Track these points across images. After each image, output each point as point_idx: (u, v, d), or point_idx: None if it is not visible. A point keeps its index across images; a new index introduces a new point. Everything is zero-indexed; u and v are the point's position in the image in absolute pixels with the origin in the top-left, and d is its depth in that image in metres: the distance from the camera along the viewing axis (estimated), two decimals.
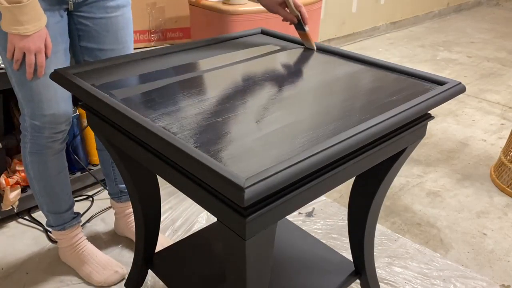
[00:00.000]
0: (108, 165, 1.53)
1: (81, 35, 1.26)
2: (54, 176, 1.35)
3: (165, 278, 1.23)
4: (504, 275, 1.53)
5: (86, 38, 1.26)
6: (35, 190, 1.38)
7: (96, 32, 1.25)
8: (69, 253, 1.48)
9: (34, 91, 1.18)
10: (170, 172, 0.78)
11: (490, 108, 2.78)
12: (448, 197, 1.93)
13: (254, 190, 0.60)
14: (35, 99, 1.19)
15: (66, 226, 1.44)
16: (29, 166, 1.33)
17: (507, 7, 5.37)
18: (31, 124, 1.24)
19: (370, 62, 1.08)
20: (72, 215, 1.46)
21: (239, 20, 2.06)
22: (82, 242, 1.49)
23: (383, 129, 0.77)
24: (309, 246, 1.30)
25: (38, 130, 1.25)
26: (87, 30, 1.25)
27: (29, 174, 1.34)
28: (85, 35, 1.26)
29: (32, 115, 1.22)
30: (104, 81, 0.95)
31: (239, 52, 1.16)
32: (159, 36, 2.24)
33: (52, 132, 1.26)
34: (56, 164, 1.34)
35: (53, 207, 1.40)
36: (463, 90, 0.93)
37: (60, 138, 1.30)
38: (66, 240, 1.47)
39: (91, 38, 1.26)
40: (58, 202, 1.40)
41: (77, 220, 1.48)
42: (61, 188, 1.38)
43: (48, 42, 1.12)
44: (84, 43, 1.27)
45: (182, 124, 0.79)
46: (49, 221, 1.44)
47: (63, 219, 1.43)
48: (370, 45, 3.93)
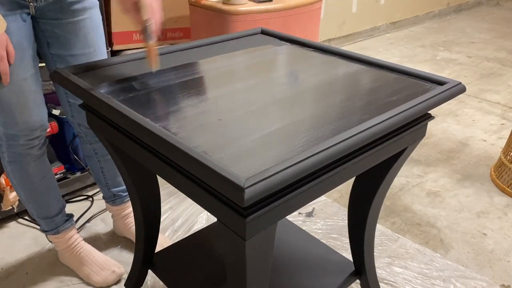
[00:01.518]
0: (98, 171, 1.51)
1: (50, 42, 1.21)
2: (38, 182, 1.32)
3: (165, 278, 1.23)
4: (504, 275, 1.53)
5: (55, 45, 1.21)
6: (21, 197, 1.36)
7: (64, 38, 1.20)
8: (67, 254, 1.48)
9: (3, 100, 1.15)
10: (170, 172, 0.78)
11: (490, 108, 2.78)
12: (448, 197, 1.93)
13: (254, 190, 0.60)
14: (6, 108, 1.16)
15: (59, 230, 1.43)
16: (11, 175, 1.30)
17: (507, 7, 5.37)
18: (5, 133, 1.21)
19: (370, 62, 1.08)
20: (64, 218, 1.44)
21: (239, 20, 2.06)
22: (79, 244, 1.49)
23: (383, 129, 0.77)
24: (309, 246, 1.30)
25: (12, 139, 1.22)
26: (55, 37, 1.20)
27: (13, 183, 1.33)
28: (54, 42, 1.20)
29: (5, 124, 1.19)
30: (104, 81, 0.95)
31: (239, 52, 1.16)
32: (159, 36, 2.24)
33: (27, 139, 1.23)
34: (38, 170, 1.31)
35: (43, 213, 1.38)
36: (463, 90, 0.93)
37: (37, 144, 1.27)
38: (62, 243, 1.46)
39: (61, 44, 1.21)
40: (46, 207, 1.38)
41: (70, 222, 1.46)
42: (48, 192, 1.36)
43: (10, 48, 1.05)
44: (54, 50, 1.22)
45: (182, 124, 0.79)
46: (42, 226, 1.43)
47: (55, 223, 1.42)
48: (370, 45, 3.93)
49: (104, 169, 1.49)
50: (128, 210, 1.60)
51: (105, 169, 1.49)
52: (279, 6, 2.14)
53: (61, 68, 0.97)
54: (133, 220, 1.58)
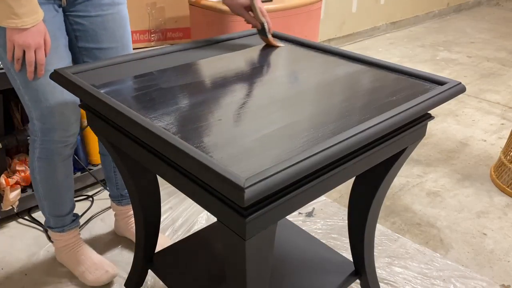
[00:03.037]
0: (110, 170, 1.52)
1: (79, 36, 1.23)
2: (62, 181, 1.33)
3: (165, 278, 1.23)
4: (504, 275, 1.53)
5: (83, 38, 1.23)
6: (39, 193, 1.36)
7: (93, 31, 1.22)
8: (65, 253, 1.48)
9: (40, 91, 1.14)
10: (170, 172, 0.78)
11: (490, 108, 2.78)
12: (448, 197, 1.93)
13: (254, 190, 0.60)
14: (42, 100, 1.15)
15: (65, 229, 1.44)
16: (36, 171, 1.31)
17: (507, 7, 5.37)
18: (40, 128, 1.21)
19: (370, 62, 1.08)
20: (72, 218, 1.45)
21: (239, 20, 2.05)
22: (78, 243, 1.49)
23: (383, 129, 0.77)
24: (309, 246, 1.30)
25: (47, 134, 1.22)
26: (83, 30, 1.22)
27: (35, 178, 1.33)
28: (82, 35, 1.22)
29: (41, 117, 1.18)
30: (104, 81, 0.95)
31: (239, 52, 1.16)
32: (159, 36, 2.24)
33: (63, 135, 1.23)
34: (64, 169, 1.32)
35: (55, 211, 1.39)
36: (463, 90, 0.93)
37: (71, 142, 1.27)
38: (63, 241, 1.47)
39: (89, 37, 1.23)
40: (61, 206, 1.39)
41: (76, 223, 1.47)
42: (66, 192, 1.38)
43: (47, 38, 1.08)
44: (82, 43, 1.24)
45: (182, 124, 0.79)
46: (48, 222, 1.44)
47: (63, 222, 1.43)
48: (370, 45, 3.93)
49: (117, 169, 1.49)
50: (132, 211, 1.60)
51: (117, 169, 1.49)
52: (279, 6, 2.13)
53: (61, 68, 0.97)
54: None
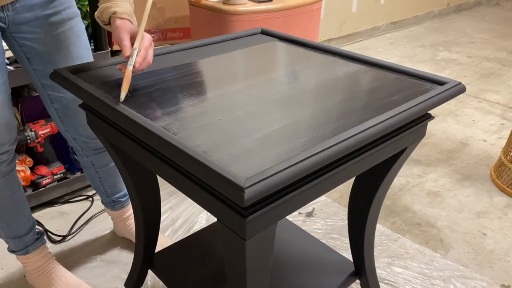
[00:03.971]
0: (96, 180, 1.45)
1: (30, 58, 1.12)
2: (7, 199, 1.21)
3: (165, 278, 1.23)
4: (504, 275, 1.53)
5: (36, 61, 1.13)
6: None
7: (45, 54, 1.11)
8: (36, 275, 1.36)
9: None
10: (170, 172, 0.78)
11: (490, 108, 2.78)
12: (448, 197, 1.93)
13: (254, 190, 0.60)
14: None
15: (29, 250, 1.32)
16: None
17: (507, 7, 5.37)
18: None
19: (370, 62, 1.08)
20: (34, 237, 1.33)
21: (239, 20, 2.06)
22: (50, 264, 1.38)
23: (383, 129, 0.77)
24: (309, 246, 1.30)
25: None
26: (35, 52, 1.11)
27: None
28: (34, 57, 1.12)
29: None
30: (104, 81, 0.95)
31: (238, 52, 1.16)
32: (159, 36, 2.24)
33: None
34: (7, 187, 1.19)
35: (11, 232, 1.27)
36: (463, 90, 0.93)
37: (6, 159, 1.15)
38: (32, 263, 1.35)
39: (42, 60, 1.12)
40: (16, 226, 1.27)
41: (41, 241, 1.35)
42: (16, 210, 1.25)
43: None
44: (35, 65, 1.14)
45: (182, 124, 0.79)
46: (10, 246, 1.32)
47: (25, 243, 1.31)
48: (370, 45, 3.93)
49: (103, 179, 1.45)
50: (129, 213, 1.59)
51: (103, 178, 1.45)
52: (279, 6, 2.14)
53: (61, 68, 0.97)
54: (133, 221, 1.57)
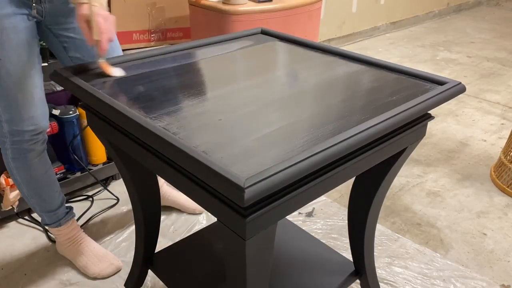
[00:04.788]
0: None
1: (67, 47, 1.25)
2: (41, 176, 1.35)
3: (165, 278, 1.23)
4: (504, 275, 1.53)
5: (73, 48, 1.25)
6: (24, 194, 1.38)
7: (80, 41, 1.23)
8: (66, 245, 1.50)
9: (11, 97, 1.17)
10: (170, 172, 0.78)
11: (490, 108, 2.78)
12: (448, 197, 1.93)
13: (254, 190, 0.60)
14: (13, 105, 1.18)
15: (61, 222, 1.46)
16: (14, 171, 1.32)
17: (507, 7, 5.37)
18: (9, 130, 1.23)
19: (370, 62, 1.08)
20: (65, 210, 1.47)
21: (239, 20, 2.06)
22: (80, 235, 1.51)
23: (383, 129, 0.77)
24: (309, 246, 1.30)
25: (17, 135, 1.24)
26: (71, 41, 1.23)
27: (16, 180, 1.34)
28: (71, 46, 1.24)
29: (10, 121, 1.21)
30: (104, 80, 0.96)
31: (238, 52, 1.16)
32: (159, 36, 2.24)
33: (33, 134, 1.25)
34: (41, 164, 1.33)
35: (46, 206, 1.41)
36: (463, 90, 0.93)
37: (41, 139, 1.29)
38: (64, 235, 1.49)
39: (78, 47, 1.24)
40: (49, 201, 1.41)
41: (71, 214, 1.49)
42: (50, 186, 1.39)
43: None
44: (72, 53, 1.26)
45: (182, 124, 0.79)
46: (44, 220, 1.46)
47: (57, 216, 1.45)
48: (370, 45, 3.93)
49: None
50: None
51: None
52: (279, 6, 2.14)
53: (61, 68, 0.97)
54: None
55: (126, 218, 1.76)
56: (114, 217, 1.76)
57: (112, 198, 1.87)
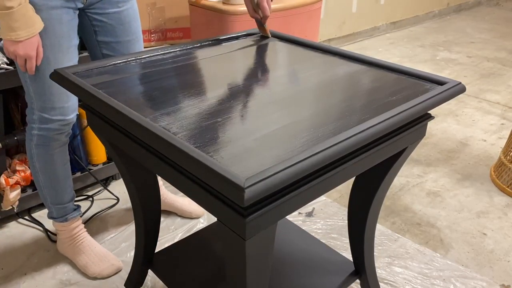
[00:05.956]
0: None
1: (97, 31, 1.32)
2: (59, 168, 1.39)
3: (165, 278, 1.23)
4: (504, 275, 1.53)
5: (102, 33, 1.32)
6: (39, 182, 1.41)
7: (111, 27, 1.32)
8: (68, 244, 1.51)
9: (46, 85, 1.22)
10: (170, 172, 0.78)
11: (490, 108, 2.78)
12: (448, 197, 1.93)
13: (254, 190, 0.60)
14: (46, 93, 1.24)
15: (68, 218, 1.48)
16: (35, 158, 1.36)
17: (507, 7, 5.37)
18: (39, 117, 1.28)
19: (370, 62, 1.08)
20: (73, 207, 1.50)
21: (239, 20, 2.06)
22: (82, 234, 1.53)
23: (383, 129, 0.77)
24: (309, 246, 1.30)
25: (46, 122, 1.29)
26: (102, 26, 1.31)
27: (35, 167, 1.38)
28: (101, 30, 1.32)
29: (42, 108, 1.26)
30: (104, 80, 0.96)
31: (238, 52, 1.16)
32: (159, 36, 2.24)
33: (61, 124, 1.30)
34: (61, 156, 1.38)
35: (57, 199, 1.44)
36: (463, 90, 0.93)
37: (67, 130, 1.34)
38: (67, 231, 1.50)
39: (107, 32, 1.32)
40: (61, 194, 1.43)
41: (78, 211, 1.51)
42: (65, 180, 1.43)
43: (40, 49, 1.15)
44: (101, 37, 1.33)
45: (182, 124, 0.79)
46: (51, 213, 1.48)
47: (65, 211, 1.47)
48: (370, 45, 3.93)
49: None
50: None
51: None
52: (279, 6, 2.14)
53: (61, 68, 0.97)
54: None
55: (126, 218, 1.76)
56: (114, 217, 1.76)
57: (112, 198, 1.87)
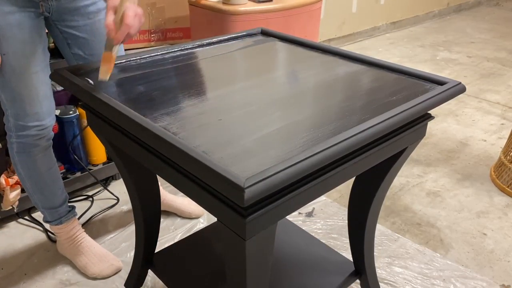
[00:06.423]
0: None
1: (70, 43, 1.28)
2: (45, 173, 1.36)
3: (165, 278, 1.23)
4: (504, 275, 1.53)
5: (76, 46, 1.28)
6: (27, 189, 1.40)
7: (83, 40, 1.26)
8: (67, 245, 1.51)
9: (15, 92, 1.19)
10: (170, 172, 0.78)
11: (490, 108, 2.78)
12: (448, 197, 1.93)
13: (254, 190, 0.60)
14: (17, 100, 1.20)
15: (62, 220, 1.47)
16: (18, 166, 1.34)
17: (507, 7, 5.37)
18: (15, 124, 1.25)
19: (370, 62, 1.08)
20: (67, 209, 1.48)
21: (239, 20, 2.06)
22: (80, 234, 1.52)
23: (383, 129, 0.77)
24: (309, 246, 1.30)
25: (23, 129, 1.26)
26: (74, 38, 1.26)
27: (20, 174, 1.36)
28: (74, 42, 1.27)
29: (16, 115, 1.23)
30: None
31: (238, 52, 1.16)
32: (159, 36, 2.24)
33: (37, 129, 1.27)
34: (45, 160, 1.35)
35: (48, 203, 1.42)
36: (463, 90, 0.93)
37: (46, 134, 1.31)
38: (64, 233, 1.50)
39: (81, 45, 1.27)
40: (51, 198, 1.42)
41: (72, 213, 1.50)
42: (53, 183, 1.40)
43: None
44: (75, 50, 1.29)
45: (182, 124, 0.79)
46: (45, 217, 1.47)
47: (59, 214, 1.46)
48: (370, 45, 3.93)
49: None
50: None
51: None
52: (279, 6, 2.14)
53: (61, 68, 0.97)
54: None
55: (126, 218, 1.76)
56: (114, 217, 1.76)
57: (112, 198, 1.87)
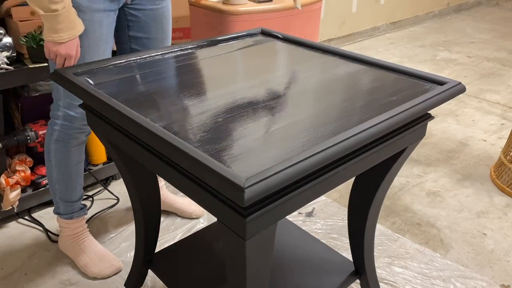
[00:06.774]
0: None
1: (130, 25, 1.35)
2: (74, 166, 1.41)
3: (165, 278, 1.23)
4: (504, 275, 1.53)
5: (135, 28, 1.36)
6: (52, 177, 1.43)
7: (145, 23, 1.35)
8: (70, 242, 1.52)
9: None
10: (170, 172, 0.78)
11: (490, 108, 2.78)
12: (448, 197, 1.93)
13: (254, 190, 0.60)
14: None
15: (74, 216, 1.49)
16: (52, 153, 1.38)
17: (507, 7, 5.37)
18: (64, 114, 1.31)
19: (370, 62, 1.08)
20: (80, 206, 1.51)
21: (239, 20, 2.06)
22: (84, 233, 1.53)
23: (383, 129, 0.77)
24: (309, 246, 1.30)
25: (70, 120, 1.32)
26: (136, 21, 1.34)
27: (50, 161, 1.40)
28: (134, 25, 1.35)
29: (69, 105, 1.29)
30: (104, 80, 0.96)
31: (239, 52, 1.16)
32: None
33: (83, 123, 1.33)
34: (78, 154, 1.41)
35: (66, 196, 1.45)
36: (463, 90, 0.93)
37: (88, 130, 1.37)
38: (70, 229, 1.51)
39: (140, 28, 1.35)
40: (71, 191, 1.45)
41: (84, 211, 1.53)
42: (77, 178, 1.45)
43: (78, 50, 1.18)
44: (132, 32, 1.36)
45: (182, 124, 0.79)
46: (58, 208, 1.49)
47: (72, 209, 1.49)
48: (370, 45, 3.93)
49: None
50: None
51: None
52: (279, 6, 2.14)
53: (61, 69, 0.97)
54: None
55: (126, 218, 1.76)
56: (114, 217, 1.76)
57: (112, 198, 1.87)
